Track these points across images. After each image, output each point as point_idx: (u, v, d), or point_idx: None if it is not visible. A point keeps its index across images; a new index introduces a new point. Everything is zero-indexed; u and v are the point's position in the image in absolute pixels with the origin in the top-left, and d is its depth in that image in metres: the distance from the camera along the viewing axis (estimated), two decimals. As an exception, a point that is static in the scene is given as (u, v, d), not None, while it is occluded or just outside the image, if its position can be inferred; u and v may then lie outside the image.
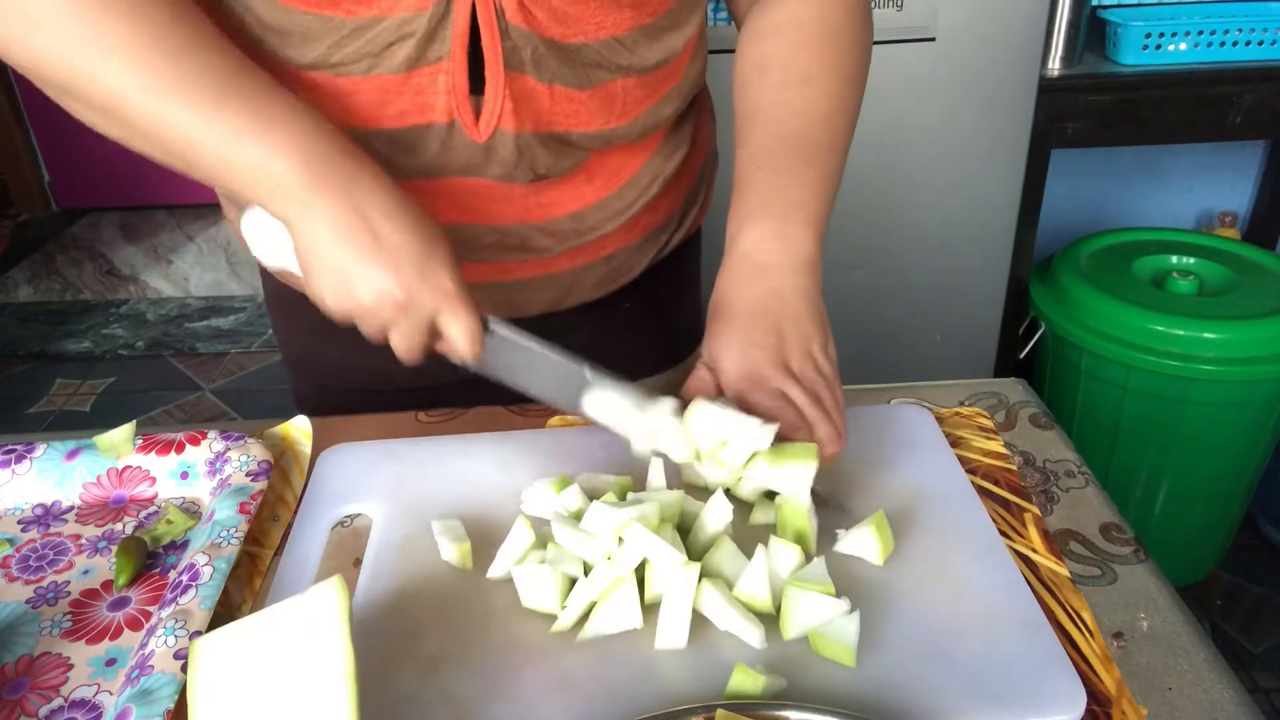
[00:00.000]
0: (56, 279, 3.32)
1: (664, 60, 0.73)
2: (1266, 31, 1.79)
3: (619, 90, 0.71)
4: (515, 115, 0.68)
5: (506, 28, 0.64)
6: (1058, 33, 1.79)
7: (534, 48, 0.66)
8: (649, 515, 0.58)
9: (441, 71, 0.65)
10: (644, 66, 0.72)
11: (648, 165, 0.80)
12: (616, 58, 0.69)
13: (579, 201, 0.76)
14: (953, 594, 0.58)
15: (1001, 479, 0.70)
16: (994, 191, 1.78)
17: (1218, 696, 0.53)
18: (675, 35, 0.73)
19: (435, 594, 0.60)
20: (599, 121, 0.72)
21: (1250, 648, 1.79)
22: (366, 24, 0.62)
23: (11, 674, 0.56)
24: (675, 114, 0.79)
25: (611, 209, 0.78)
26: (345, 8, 0.62)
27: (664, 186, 0.82)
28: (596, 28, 0.67)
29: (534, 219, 0.75)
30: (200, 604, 0.56)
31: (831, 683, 0.53)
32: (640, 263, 0.85)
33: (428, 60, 0.65)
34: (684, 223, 0.88)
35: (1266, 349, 1.62)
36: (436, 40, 0.64)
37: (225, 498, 0.65)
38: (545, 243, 0.76)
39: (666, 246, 0.87)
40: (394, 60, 0.64)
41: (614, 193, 0.78)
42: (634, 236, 0.82)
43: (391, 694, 0.53)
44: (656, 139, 0.80)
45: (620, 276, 0.84)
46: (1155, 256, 1.86)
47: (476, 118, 0.68)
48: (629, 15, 0.68)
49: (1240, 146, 2.23)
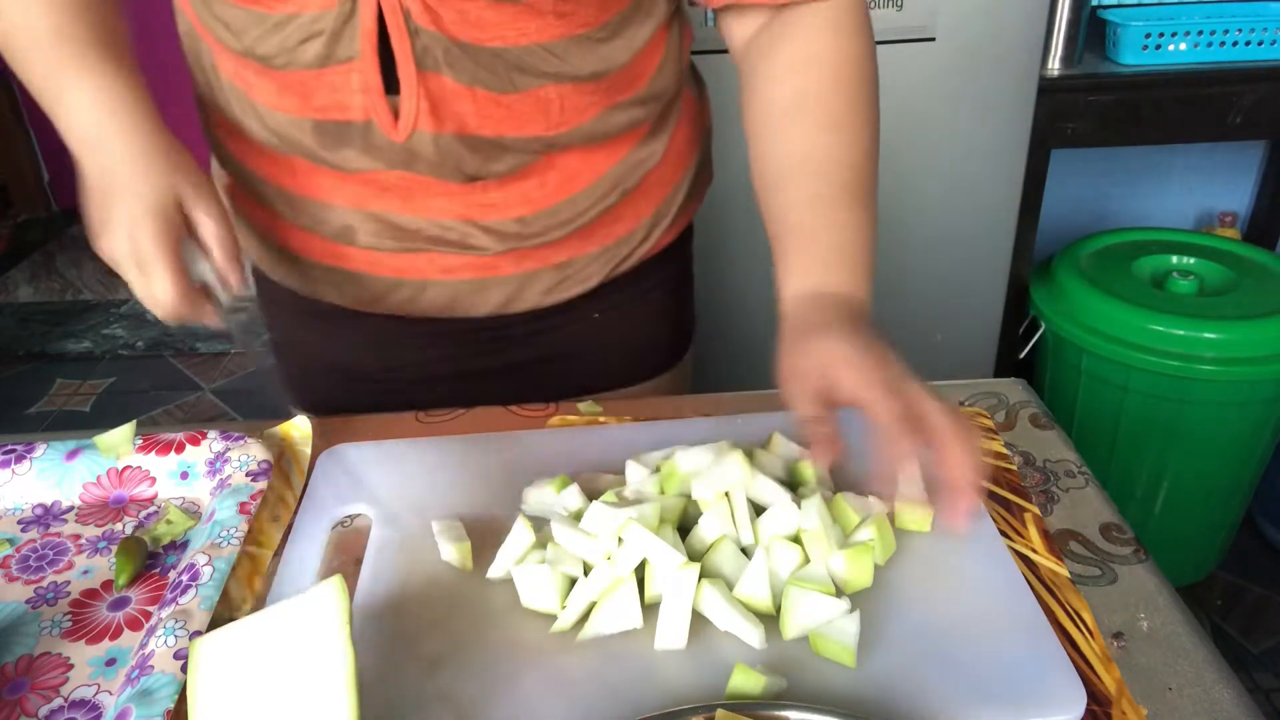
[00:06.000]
0: (56, 279, 3.32)
1: (605, 70, 0.71)
2: (1266, 31, 1.79)
3: (553, 96, 0.70)
4: (433, 116, 0.67)
5: (415, 29, 0.64)
6: (1058, 33, 1.79)
7: (445, 49, 0.65)
8: (648, 515, 0.58)
9: (354, 70, 0.66)
10: (578, 75, 0.70)
11: (609, 174, 0.77)
12: (542, 64, 0.68)
13: (526, 205, 0.75)
14: (953, 594, 0.58)
15: (1001, 479, 0.70)
16: (994, 191, 1.78)
17: (1218, 696, 0.53)
18: (615, 46, 0.71)
19: (435, 594, 0.60)
20: (534, 127, 0.70)
21: (1250, 648, 1.79)
22: (282, 20, 0.64)
23: (11, 674, 0.56)
24: (634, 123, 0.76)
25: (560, 216, 0.76)
26: (265, 3, 0.64)
27: (623, 198, 0.79)
28: (517, 34, 0.66)
29: (476, 217, 0.74)
30: (200, 604, 0.56)
31: (831, 683, 0.53)
32: (596, 273, 0.82)
33: (337, 59, 0.65)
34: (650, 236, 0.84)
35: (1266, 349, 1.62)
36: (344, 39, 0.64)
37: (225, 498, 0.65)
38: (485, 242, 0.75)
39: (626, 260, 0.84)
40: (306, 57, 0.65)
41: (565, 200, 0.76)
42: (589, 246, 0.80)
43: (392, 694, 0.53)
44: (620, 147, 0.77)
45: (572, 286, 0.82)
46: (1155, 256, 1.86)
47: (396, 118, 0.67)
48: (554, 24, 0.66)
49: (1240, 146, 2.23)
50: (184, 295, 0.63)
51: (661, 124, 0.81)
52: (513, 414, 0.79)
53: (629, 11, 0.71)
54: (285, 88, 0.68)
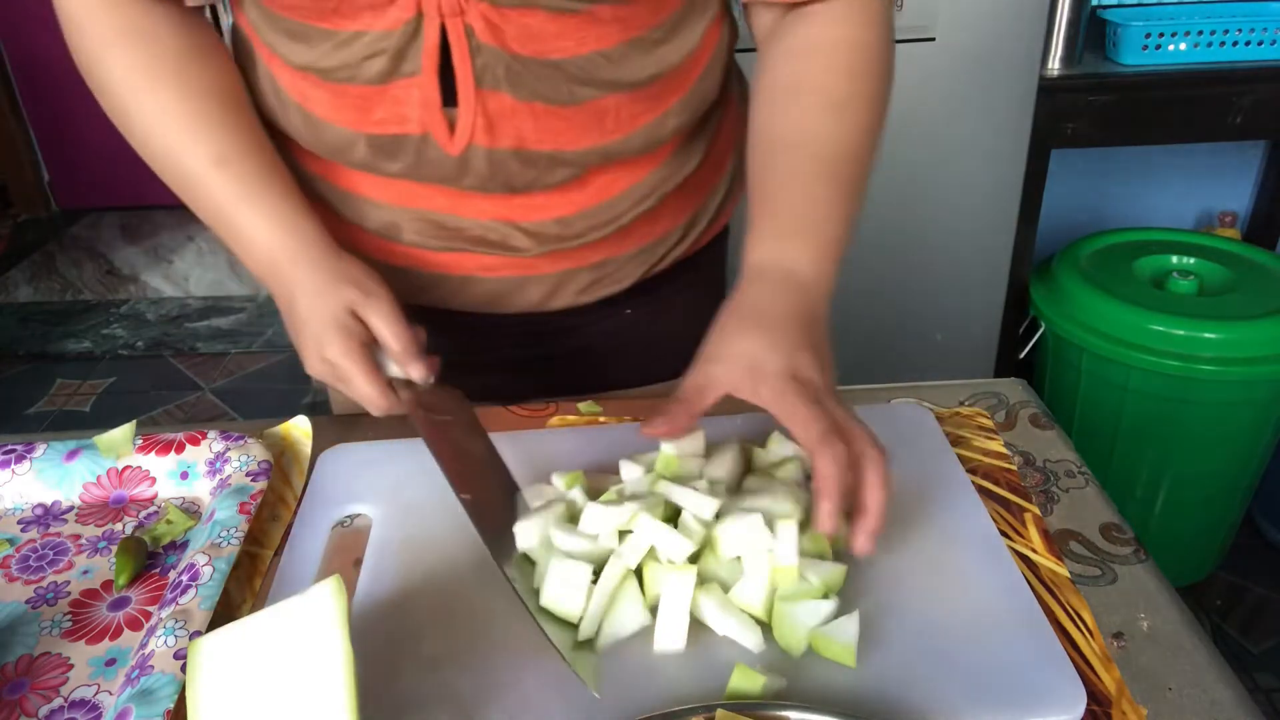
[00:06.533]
0: (56, 279, 3.32)
1: (658, 74, 0.71)
2: (1266, 31, 1.79)
3: (610, 106, 0.70)
4: (489, 132, 0.68)
5: (477, 46, 0.65)
6: (1058, 33, 1.79)
7: (507, 65, 0.65)
8: (654, 507, 0.58)
9: (415, 86, 0.66)
10: (635, 81, 0.70)
11: (650, 178, 0.78)
12: (601, 73, 0.68)
13: (567, 207, 0.75)
14: (953, 594, 0.58)
15: (1001, 479, 0.70)
16: (994, 191, 1.78)
17: (1218, 696, 0.53)
18: (671, 48, 0.71)
19: (435, 594, 0.60)
20: (590, 139, 0.71)
21: (1250, 648, 1.79)
22: (349, 37, 0.65)
23: (11, 674, 0.56)
24: (682, 128, 0.77)
25: (600, 218, 0.77)
26: (331, 21, 0.65)
27: (662, 200, 0.80)
28: (576, 44, 0.66)
29: (517, 219, 0.75)
30: (200, 604, 0.56)
31: (831, 683, 0.53)
32: (632, 273, 0.83)
33: (400, 74, 0.66)
34: (687, 237, 0.85)
35: (1266, 349, 1.62)
36: (408, 57, 0.65)
37: (225, 498, 0.65)
38: (525, 244, 0.76)
39: (663, 260, 0.84)
40: (370, 73, 0.66)
41: (605, 202, 0.76)
42: (625, 247, 0.81)
43: (392, 694, 0.53)
44: (663, 152, 0.78)
45: (608, 285, 0.83)
46: (1155, 256, 1.86)
47: (452, 132, 0.68)
48: (614, 30, 0.67)
49: (1240, 146, 2.23)
50: (384, 393, 0.66)
51: (704, 127, 0.81)
52: (512, 414, 0.79)
53: (683, 10, 0.71)
54: (344, 101, 0.69)
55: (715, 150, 0.83)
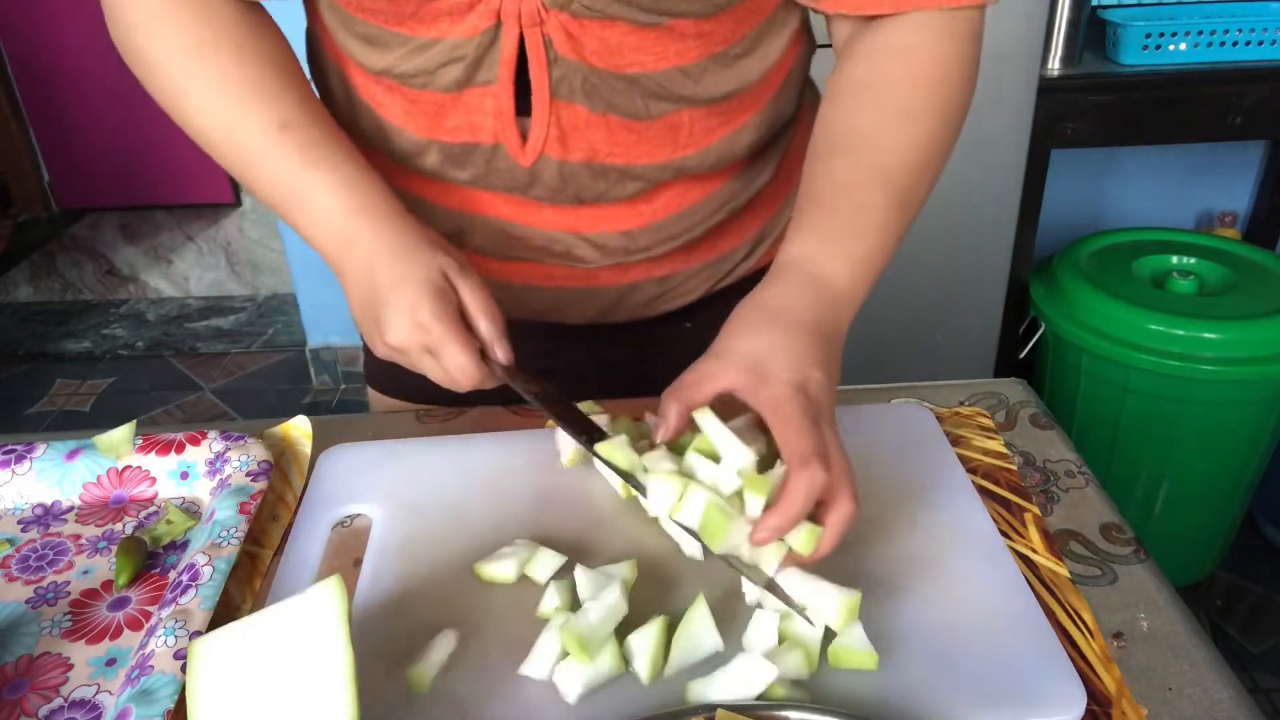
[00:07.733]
0: (56, 279, 3.32)
1: (737, 89, 0.70)
2: (1266, 31, 1.79)
3: (684, 121, 0.69)
4: (562, 144, 0.67)
5: (555, 57, 0.64)
6: (1058, 33, 1.79)
7: (584, 78, 0.65)
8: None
9: (489, 95, 0.66)
10: (712, 97, 0.68)
11: (720, 192, 0.76)
12: (679, 88, 0.67)
13: (634, 220, 0.74)
14: (953, 594, 0.58)
15: (1001, 479, 0.70)
16: (994, 191, 1.78)
17: (1218, 696, 0.53)
18: (750, 62, 0.69)
19: (435, 594, 0.60)
20: (663, 153, 0.70)
21: (1250, 648, 1.79)
22: (426, 44, 0.65)
23: (11, 674, 0.56)
24: (756, 144, 0.75)
25: (667, 232, 0.75)
26: (409, 26, 0.64)
27: (731, 215, 0.78)
28: (656, 58, 0.65)
29: (583, 229, 0.74)
30: (200, 604, 0.56)
31: (831, 683, 0.53)
32: (697, 288, 0.82)
33: (475, 83, 0.66)
34: (754, 253, 0.83)
35: (1266, 349, 1.62)
36: (484, 65, 0.65)
37: (225, 498, 0.65)
38: (590, 255, 0.75)
39: (729, 275, 0.82)
40: (445, 80, 0.66)
41: (673, 215, 0.75)
42: (691, 261, 0.80)
43: (392, 694, 0.53)
44: (734, 168, 0.76)
45: (674, 299, 0.81)
46: (1155, 256, 1.86)
47: (524, 142, 0.68)
48: (694, 45, 0.65)
49: (1240, 146, 2.23)
50: (479, 363, 0.62)
51: (777, 142, 0.79)
52: (513, 414, 0.79)
53: (765, 24, 0.69)
54: (417, 108, 0.68)
55: (786, 164, 0.81)
